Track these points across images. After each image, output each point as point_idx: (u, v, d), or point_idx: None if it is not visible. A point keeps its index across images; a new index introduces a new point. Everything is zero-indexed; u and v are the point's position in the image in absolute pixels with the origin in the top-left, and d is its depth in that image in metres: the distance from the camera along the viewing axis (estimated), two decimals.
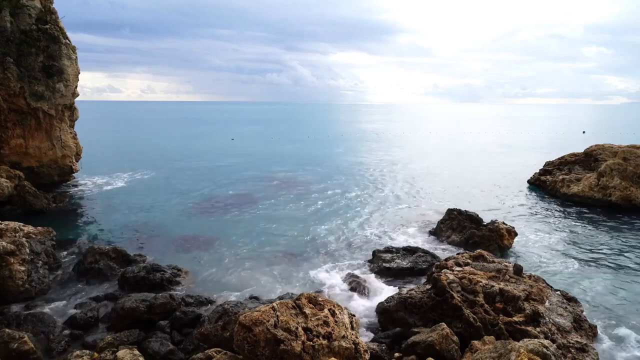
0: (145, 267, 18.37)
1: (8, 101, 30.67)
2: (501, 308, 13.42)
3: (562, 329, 13.03)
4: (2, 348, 11.99)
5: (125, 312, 14.48)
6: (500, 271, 15.49)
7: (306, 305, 11.39)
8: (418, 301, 14.49)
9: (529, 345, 10.03)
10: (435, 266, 16.74)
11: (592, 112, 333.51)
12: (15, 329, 13.36)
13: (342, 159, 55.96)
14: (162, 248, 22.32)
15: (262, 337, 10.24)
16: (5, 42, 30.06)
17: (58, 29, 32.73)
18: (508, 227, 22.61)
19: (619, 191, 29.88)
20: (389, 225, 26.65)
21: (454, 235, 23.07)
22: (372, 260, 20.16)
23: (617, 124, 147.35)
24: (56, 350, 13.21)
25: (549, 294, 14.70)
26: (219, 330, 12.47)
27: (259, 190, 36.25)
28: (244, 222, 26.96)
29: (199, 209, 30.31)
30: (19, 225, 18.89)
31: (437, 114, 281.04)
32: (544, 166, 39.00)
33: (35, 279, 16.95)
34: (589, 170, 34.38)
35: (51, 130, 33.29)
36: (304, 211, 29.68)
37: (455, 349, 12.09)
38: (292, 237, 24.28)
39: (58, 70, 32.22)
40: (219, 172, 44.83)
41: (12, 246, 16.97)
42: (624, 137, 75.62)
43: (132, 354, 11.39)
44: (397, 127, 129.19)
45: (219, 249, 22.21)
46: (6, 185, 28.05)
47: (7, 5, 30.60)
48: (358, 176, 43.14)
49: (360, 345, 11.08)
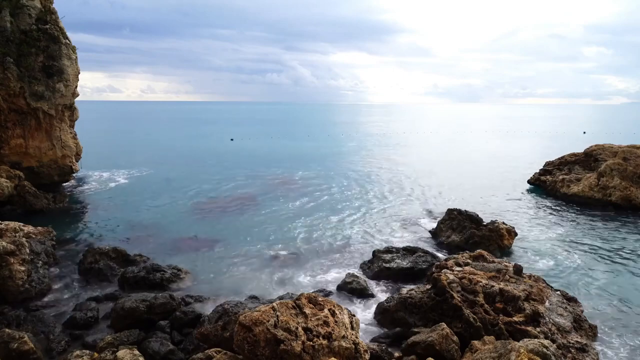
0: (145, 267, 18.38)
1: (8, 101, 30.66)
2: (501, 308, 13.42)
3: (562, 329, 13.03)
4: (2, 348, 11.99)
5: (125, 312, 14.48)
6: (500, 271, 15.49)
7: (306, 305, 11.39)
8: (418, 301, 14.49)
9: (529, 345, 10.03)
10: (435, 266, 16.73)
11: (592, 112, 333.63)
12: (15, 329, 13.35)
13: (342, 158, 55.97)
14: (162, 248, 22.32)
15: (262, 337, 10.24)
16: (5, 42, 30.06)
17: (58, 29, 32.72)
18: (508, 227, 22.61)
19: (619, 191, 29.88)
20: (389, 225, 26.65)
21: (454, 235, 23.06)
22: (372, 260, 20.15)
23: (617, 124, 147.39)
24: (56, 350, 13.20)
25: (549, 294, 14.70)
26: (219, 330, 12.46)
27: (259, 190, 36.25)
28: (244, 222, 26.96)
29: (199, 209, 30.31)
30: (19, 225, 18.89)
31: (437, 114, 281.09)
32: (544, 166, 39.00)
33: (35, 279, 16.95)
34: (589, 170, 34.38)
35: (51, 130, 33.28)
36: (304, 211, 29.67)
37: (455, 349, 12.09)
38: (292, 237, 24.28)
39: (58, 70, 32.21)
40: (219, 172, 44.83)
41: (12, 246, 16.97)
42: (624, 137, 75.62)
43: (132, 354, 11.38)
44: (397, 127, 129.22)
45: (218, 249, 22.21)
46: (6, 185, 28.05)
47: (7, 5, 30.60)
48: (358, 176, 43.14)
49: (360, 345, 11.08)
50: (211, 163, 51.26)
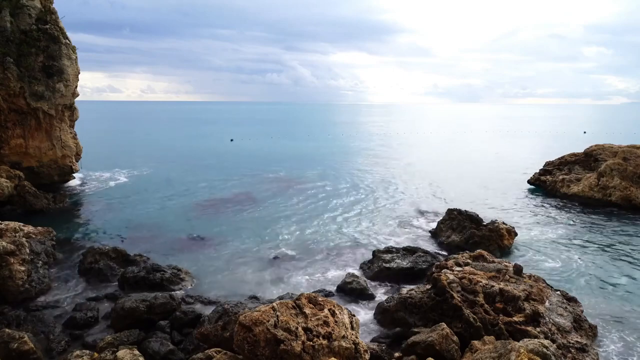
0: (145, 267, 18.37)
1: (8, 101, 30.68)
2: (501, 308, 13.42)
3: (562, 329, 13.02)
4: (2, 348, 11.99)
5: (125, 312, 14.48)
6: (500, 271, 15.49)
7: (306, 305, 11.39)
8: (418, 301, 14.49)
9: (529, 345, 10.03)
10: (435, 266, 16.73)
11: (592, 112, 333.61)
12: (15, 329, 13.36)
13: (342, 158, 55.97)
14: (162, 248, 22.32)
15: (262, 337, 10.24)
16: (5, 42, 30.07)
17: (58, 29, 32.73)
18: (508, 227, 22.61)
19: (619, 191, 29.88)
20: (389, 225, 26.65)
21: (454, 235, 23.06)
22: (372, 260, 20.14)
23: (617, 124, 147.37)
24: (56, 350, 13.21)
25: (549, 294, 14.70)
26: (219, 330, 12.46)
27: (259, 190, 36.25)
28: (244, 222, 26.95)
29: (199, 209, 30.31)
30: (19, 225, 18.89)
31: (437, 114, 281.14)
32: (544, 166, 38.99)
33: (35, 279, 16.95)
34: (589, 170, 34.37)
35: (51, 130, 33.29)
36: (304, 211, 29.68)
37: (455, 349, 12.09)
38: (292, 237, 24.28)
39: (58, 70, 32.22)
40: (219, 172, 44.84)
41: (12, 246, 16.97)
42: (624, 137, 75.60)
43: (132, 354, 11.38)
44: (397, 127, 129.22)
45: (218, 249, 22.21)
46: (6, 185, 28.06)
47: (7, 5, 30.61)
48: (358, 176, 43.15)
49: (360, 345, 11.08)
50: (211, 163, 51.26)
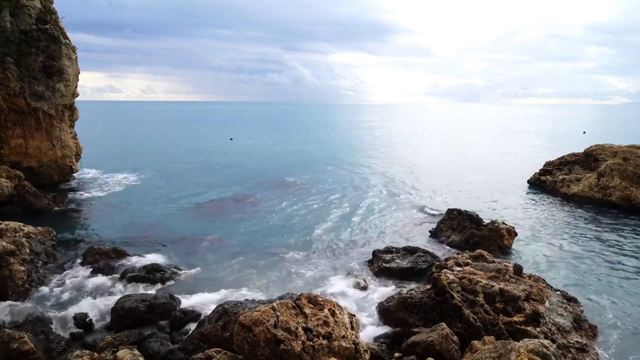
0: (145, 267, 18.38)
1: (8, 101, 30.68)
2: (501, 308, 13.42)
3: (562, 329, 13.03)
4: (2, 348, 11.99)
5: (125, 312, 14.49)
6: (500, 271, 15.49)
7: (306, 305, 11.38)
8: (418, 301, 14.49)
9: (529, 345, 10.02)
10: (435, 266, 16.73)
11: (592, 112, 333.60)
12: (15, 329, 13.35)
13: (342, 158, 55.94)
14: (162, 248, 22.32)
15: (262, 337, 10.23)
16: (5, 42, 30.07)
17: (58, 29, 32.73)
18: (508, 227, 22.60)
19: (619, 191, 29.88)
20: (389, 225, 26.64)
21: (454, 235, 23.07)
22: (372, 260, 20.15)
23: (617, 124, 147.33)
24: (56, 350, 13.20)
25: (549, 294, 14.70)
26: (219, 330, 12.45)
27: (258, 190, 36.23)
28: (244, 222, 26.95)
29: (198, 209, 30.31)
30: (19, 225, 18.89)
31: (438, 113, 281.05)
32: (544, 166, 39.00)
33: (35, 279, 16.97)
34: (589, 170, 34.37)
35: (51, 130, 33.29)
36: (304, 211, 29.67)
37: (455, 349, 12.09)
38: (292, 237, 24.26)
39: (58, 70, 32.22)
40: (219, 172, 44.84)
41: (12, 246, 16.97)
42: (624, 137, 75.56)
43: (132, 354, 11.39)
44: (397, 127, 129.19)
45: (218, 249, 22.21)
46: (6, 185, 28.05)
47: (7, 5, 30.61)
48: (358, 176, 43.15)
49: (360, 345, 11.08)
50: (211, 163, 51.24)
